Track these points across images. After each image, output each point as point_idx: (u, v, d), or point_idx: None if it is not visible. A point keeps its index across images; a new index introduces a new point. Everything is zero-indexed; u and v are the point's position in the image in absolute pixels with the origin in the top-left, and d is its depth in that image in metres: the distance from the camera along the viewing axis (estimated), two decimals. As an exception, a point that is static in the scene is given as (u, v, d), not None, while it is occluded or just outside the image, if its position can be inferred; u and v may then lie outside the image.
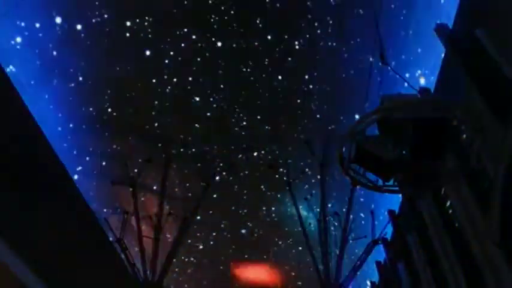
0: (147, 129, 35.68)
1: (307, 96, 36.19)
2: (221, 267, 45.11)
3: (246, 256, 44.73)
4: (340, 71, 34.06)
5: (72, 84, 33.60)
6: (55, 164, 20.53)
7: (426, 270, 17.69)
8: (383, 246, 25.62)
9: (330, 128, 32.83)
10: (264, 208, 44.09)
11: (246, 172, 39.95)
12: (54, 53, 32.14)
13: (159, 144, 32.92)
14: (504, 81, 10.64)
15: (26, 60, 31.51)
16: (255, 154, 38.75)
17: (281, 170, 33.25)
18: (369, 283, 31.07)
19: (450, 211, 15.26)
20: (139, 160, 29.82)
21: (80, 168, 34.85)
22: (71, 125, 34.50)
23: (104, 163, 32.80)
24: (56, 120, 33.85)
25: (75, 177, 34.57)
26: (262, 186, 41.64)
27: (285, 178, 32.05)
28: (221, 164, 35.03)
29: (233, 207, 42.68)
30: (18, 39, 31.00)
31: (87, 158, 35.49)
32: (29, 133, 18.06)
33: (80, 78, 33.25)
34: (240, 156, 37.46)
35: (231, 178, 39.24)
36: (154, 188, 32.51)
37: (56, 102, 34.05)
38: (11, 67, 30.05)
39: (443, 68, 14.45)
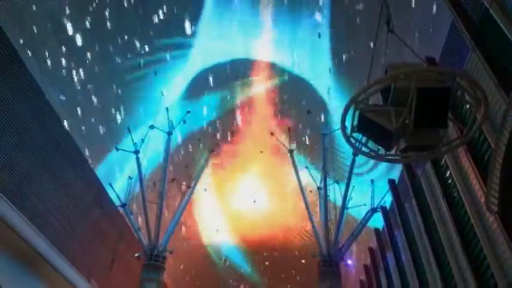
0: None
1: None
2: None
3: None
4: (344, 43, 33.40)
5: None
6: (62, 132, 20.74)
7: (423, 239, 18.11)
8: (382, 214, 26.11)
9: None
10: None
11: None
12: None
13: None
14: (511, 50, 10.53)
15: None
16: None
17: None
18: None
19: (450, 181, 15.45)
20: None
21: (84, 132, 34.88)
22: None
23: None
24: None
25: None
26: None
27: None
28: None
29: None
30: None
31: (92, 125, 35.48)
32: (37, 103, 18.15)
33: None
34: None
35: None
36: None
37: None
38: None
39: (449, 37, 14.26)
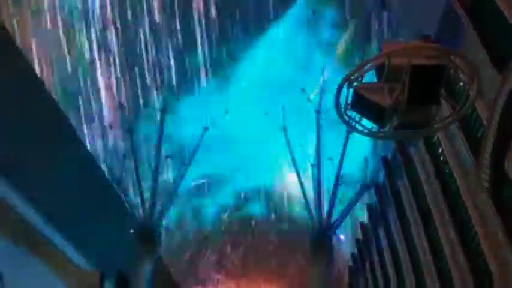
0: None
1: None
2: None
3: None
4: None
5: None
6: (55, 110, 20.54)
7: (414, 215, 18.38)
8: (374, 190, 26.39)
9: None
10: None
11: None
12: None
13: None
14: (507, 30, 10.46)
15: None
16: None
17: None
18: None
19: (442, 158, 15.60)
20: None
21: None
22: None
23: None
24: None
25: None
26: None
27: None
28: None
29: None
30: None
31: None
32: (29, 82, 17.89)
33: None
34: None
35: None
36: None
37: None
38: None
39: (445, 14, 14.10)
